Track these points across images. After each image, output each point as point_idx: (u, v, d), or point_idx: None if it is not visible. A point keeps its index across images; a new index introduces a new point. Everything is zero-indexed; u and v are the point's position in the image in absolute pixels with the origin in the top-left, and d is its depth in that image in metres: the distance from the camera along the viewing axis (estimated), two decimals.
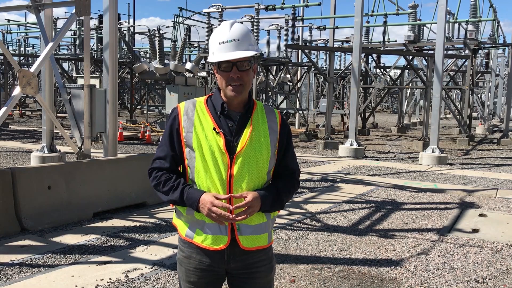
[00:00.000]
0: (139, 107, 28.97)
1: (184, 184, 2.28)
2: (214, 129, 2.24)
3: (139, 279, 4.67)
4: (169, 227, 6.47)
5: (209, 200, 2.16)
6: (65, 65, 33.44)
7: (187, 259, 2.36)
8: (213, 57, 2.26)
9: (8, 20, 34.43)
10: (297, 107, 22.57)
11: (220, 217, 2.17)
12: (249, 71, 2.26)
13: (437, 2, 14.55)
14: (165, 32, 27.10)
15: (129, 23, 29.90)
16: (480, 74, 33.26)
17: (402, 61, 27.93)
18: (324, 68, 29.00)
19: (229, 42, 2.22)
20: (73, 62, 27.84)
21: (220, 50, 2.23)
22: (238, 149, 2.24)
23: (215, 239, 2.27)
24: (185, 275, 2.38)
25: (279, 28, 24.59)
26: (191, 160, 2.28)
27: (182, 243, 2.39)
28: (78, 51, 25.54)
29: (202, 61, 22.66)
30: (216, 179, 2.23)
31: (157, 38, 20.09)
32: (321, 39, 31.89)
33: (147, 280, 4.65)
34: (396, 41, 23.81)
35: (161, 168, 2.34)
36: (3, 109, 7.29)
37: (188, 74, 19.14)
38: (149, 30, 24.88)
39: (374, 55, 25.35)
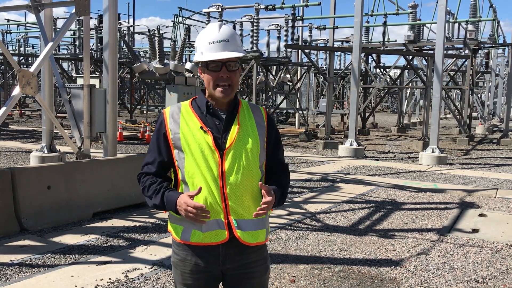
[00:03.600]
0: (138, 107, 28.99)
1: (166, 187, 2.30)
2: (201, 128, 2.25)
3: (138, 279, 4.67)
4: None
5: (183, 201, 2.17)
6: (64, 65, 33.43)
7: (182, 262, 2.35)
8: (202, 56, 2.27)
9: (8, 20, 34.42)
10: (297, 107, 22.56)
11: (197, 217, 2.15)
12: (236, 71, 2.30)
13: (437, 2, 14.54)
14: (165, 32, 27.13)
15: (129, 23, 29.87)
16: (480, 74, 33.27)
17: (402, 61, 27.92)
18: (324, 68, 28.98)
19: (219, 42, 2.24)
20: (73, 62, 27.82)
21: (210, 50, 2.25)
22: (228, 144, 2.25)
23: (215, 234, 2.27)
24: (181, 278, 2.37)
25: (279, 28, 24.57)
26: (181, 161, 2.30)
27: (176, 246, 2.38)
28: (77, 51, 25.52)
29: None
30: (208, 176, 2.23)
31: (156, 38, 20.09)
32: (321, 39, 31.86)
33: (146, 280, 4.65)
34: (396, 41, 23.80)
35: (148, 173, 2.37)
36: (3, 109, 7.28)
37: (188, 74, 19.13)
38: (148, 30, 24.86)
39: (374, 55, 25.32)
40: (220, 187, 2.24)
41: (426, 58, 18.17)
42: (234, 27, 23.27)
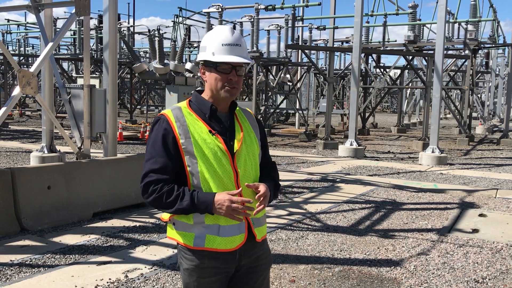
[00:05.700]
0: (138, 107, 29.00)
1: (191, 190, 2.23)
2: (210, 131, 2.26)
3: (138, 279, 4.67)
4: None
5: (227, 198, 2.14)
6: (65, 65, 33.41)
7: (199, 268, 2.30)
8: (214, 57, 2.26)
9: (8, 20, 34.38)
10: (297, 107, 22.56)
11: (241, 213, 2.17)
12: (242, 76, 2.36)
13: (437, 2, 14.54)
14: (165, 32, 27.11)
15: (129, 23, 29.87)
16: (480, 74, 33.27)
17: (402, 61, 27.94)
18: (324, 68, 28.98)
19: (233, 46, 2.27)
20: (73, 62, 27.80)
21: (223, 51, 2.25)
22: (237, 147, 2.30)
23: (231, 240, 2.27)
24: (197, 284, 2.33)
25: (279, 28, 24.57)
26: (193, 166, 2.24)
27: (188, 252, 2.32)
28: (78, 51, 25.52)
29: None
30: (225, 179, 2.25)
31: (157, 38, 20.08)
32: (321, 39, 31.87)
33: (146, 280, 4.65)
34: (396, 41, 23.79)
35: (159, 180, 2.24)
36: (3, 109, 7.28)
37: (188, 74, 19.12)
38: (149, 30, 24.86)
39: (374, 55, 25.32)
40: (236, 189, 2.26)
41: (426, 58, 18.17)
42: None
